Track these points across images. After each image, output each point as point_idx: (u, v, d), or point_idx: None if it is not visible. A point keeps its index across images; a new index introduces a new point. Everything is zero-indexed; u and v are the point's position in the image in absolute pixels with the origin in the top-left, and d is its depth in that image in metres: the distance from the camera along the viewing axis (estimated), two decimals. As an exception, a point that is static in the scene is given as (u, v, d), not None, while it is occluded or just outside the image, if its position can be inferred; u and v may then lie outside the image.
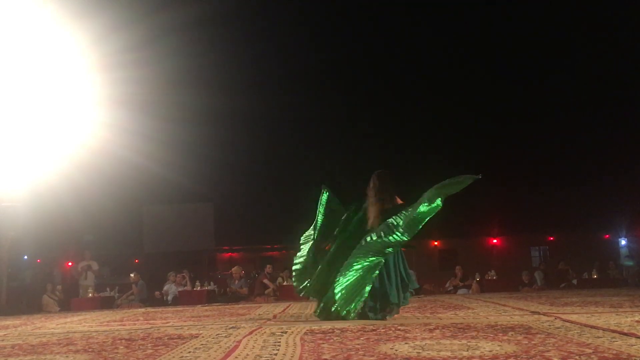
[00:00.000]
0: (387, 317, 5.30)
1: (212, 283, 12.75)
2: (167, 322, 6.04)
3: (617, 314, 4.93)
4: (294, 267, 5.94)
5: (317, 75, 18.28)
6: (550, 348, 3.12)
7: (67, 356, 3.59)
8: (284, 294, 11.38)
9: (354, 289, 5.17)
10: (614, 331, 3.70)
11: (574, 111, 17.96)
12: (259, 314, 6.73)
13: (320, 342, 3.71)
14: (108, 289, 12.47)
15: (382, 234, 5.20)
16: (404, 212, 5.22)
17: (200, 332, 4.64)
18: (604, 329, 3.81)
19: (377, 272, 5.22)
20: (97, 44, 10.41)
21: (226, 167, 17.77)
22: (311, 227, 6.02)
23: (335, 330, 4.37)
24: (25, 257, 14.66)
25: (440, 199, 5.04)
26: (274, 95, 17.68)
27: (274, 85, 17.95)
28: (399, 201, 5.60)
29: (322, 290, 5.54)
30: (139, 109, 12.29)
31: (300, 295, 5.97)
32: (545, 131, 18.52)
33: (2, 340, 4.82)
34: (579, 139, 17.92)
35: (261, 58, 17.60)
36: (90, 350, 3.83)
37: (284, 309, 7.52)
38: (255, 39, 17.10)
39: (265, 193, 18.61)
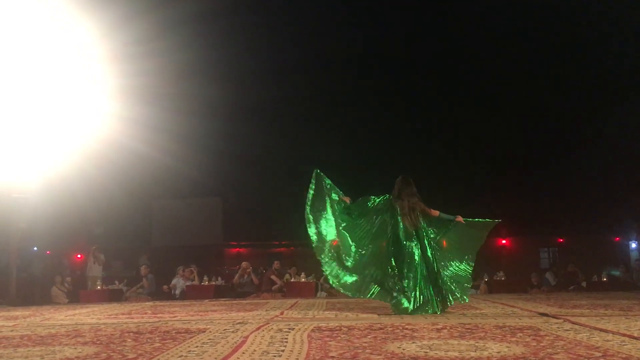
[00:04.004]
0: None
1: (219, 278, 12.77)
2: (174, 316, 6.06)
3: (626, 318, 4.89)
4: (341, 282, 6.14)
5: (333, 67, 18.16)
6: (559, 350, 3.10)
7: (75, 348, 3.61)
8: (292, 291, 11.39)
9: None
10: (623, 334, 3.67)
11: (585, 112, 17.83)
12: (267, 310, 6.73)
13: (328, 339, 3.70)
14: (117, 282, 12.55)
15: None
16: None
17: (208, 326, 4.65)
18: (613, 332, 3.78)
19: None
20: (108, 36, 10.43)
21: (235, 162, 17.75)
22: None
23: (342, 328, 4.36)
24: (35, 248, 14.76)
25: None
26: (285, 88, 17.58)
27: (287, 78, 17.83)
28: (431, 211, 6.14)
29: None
30: (150, 101, 12.30)
31: (367, 297, 6.15)
32: (554, 132, 18.41)
33: (12, 330, 4.85)
34: (590, 140, 17.78)
35: (274, 50, 17.51)
36: (98, 342, 3.85)
37: (291, 306, 7.52)
38: (268, 30, 17.01)
39: (275, 189, 18.58)
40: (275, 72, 17.61)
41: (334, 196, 6.22)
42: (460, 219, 6.19)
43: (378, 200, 6.20)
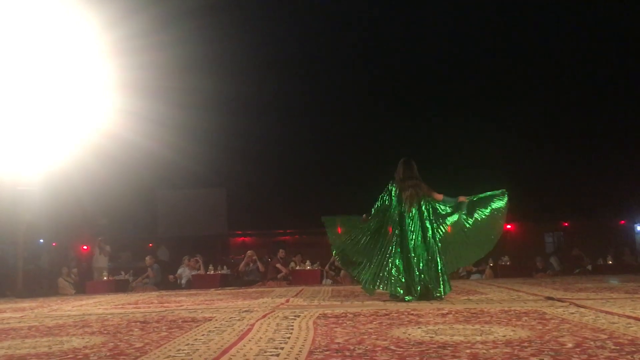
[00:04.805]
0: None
1: (225, 267, 12.82)
2: (181, 305, 6.09)
3: (632, 300, 4.89)
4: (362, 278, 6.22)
5: (334, 60, 18.12)
6: (564, 333, 3.10)
7: (83, 338, 3.63)
8: (297, 278, 11.43)
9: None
10: (629, 317, 3.67)
11: (589, 95, 17.72)
12: (272, 298, 6.76)
13: (333, 326, 3.72)
14: (122, 272, 12.61)
15: None
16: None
17: (214, 315, 4.67)
18: (619, 315, 3.78)
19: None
20: (110, 29, 10.39)
21: (239, 153, 17.77)
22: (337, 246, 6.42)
23: (348, 314, 4.38)
24: (41, 240, 14.81)
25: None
26: (288, 80, 17.56)
27: (288, 70, 17.81)
28: (434, 194, 6.09)
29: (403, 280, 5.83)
30: (152, 95, 12.29)
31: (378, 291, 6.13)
32: (559, 116, 18.31)
33: (19, 322, 4.89)
34: (594, 123, 17.69)
35: (275, 43, 17.46)
36: (105, 332, 3.87)
37: (297, 293, 7.55)
38: (270, 23, 16.96)
39: (278, 178, 18.60)
40: (276, 65, 17.58)
41: (354, 225, 6.33)
42: (463, 198, 6.11)
43: (385, 195, 6.19)
